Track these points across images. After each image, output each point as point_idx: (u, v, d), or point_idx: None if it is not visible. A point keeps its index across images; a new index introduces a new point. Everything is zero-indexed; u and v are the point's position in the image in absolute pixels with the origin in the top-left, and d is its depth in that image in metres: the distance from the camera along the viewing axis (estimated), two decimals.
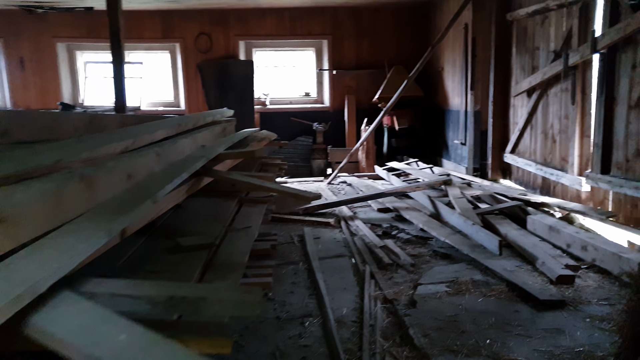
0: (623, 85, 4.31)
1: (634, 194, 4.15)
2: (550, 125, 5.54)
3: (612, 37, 4.25)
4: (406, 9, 8.77)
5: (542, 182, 5.72)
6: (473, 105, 6.82)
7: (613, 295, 3.14)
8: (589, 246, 3.62)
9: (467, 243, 4.03)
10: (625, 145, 4.34)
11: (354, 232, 4.61)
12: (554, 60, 5.26)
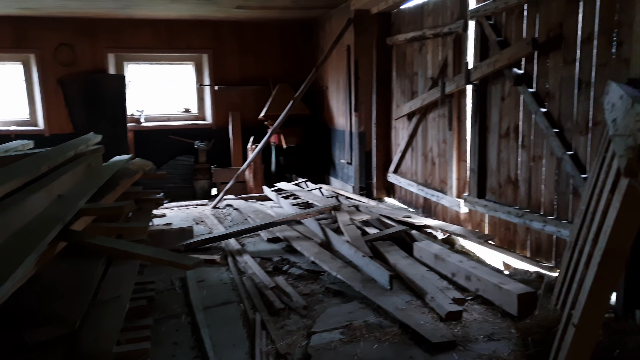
0: (494, 115, 4.57)
1: (507, 218, 4.40)
2: (430, 149, 5.75)
3: (484, 70, 4.48)
4: (290, 26, 8.67)
5: (424, 202, 5.92)
6: (357, 126, 6.89)
7: (497, 329, 3.22)
8: (472, 276, 3.72)
9: (358, 277, 3.95)
10: (497, 171, 4.60)
11: (242, 269, 4.31)
12: (432, 87, 5.46)
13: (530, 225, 4.12)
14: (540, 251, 4.16)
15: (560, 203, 3.90)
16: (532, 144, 4.13)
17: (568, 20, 3.66)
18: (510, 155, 4.41)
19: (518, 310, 3.27)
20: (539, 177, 4.11)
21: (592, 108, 3.54)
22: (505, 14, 4.31)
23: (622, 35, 3.21)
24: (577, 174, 3.63)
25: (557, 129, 3.83)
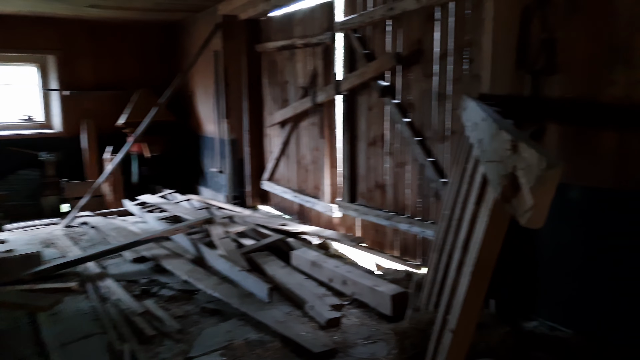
0: (362, 124, 4.75)
1: (377, 220, 4.61)
2: (303, 156, 5.81)
3: (352, 81, 4.64)
4: (152, 29, 8.13)
5: (300, 209, 5.96)
6: (228, 133, 6.71)
7: (374, 331, 3.33)
8: (348, 280, 3.81)
9: (236, 293, 3.81)
10: (367, 177, 4.80)
11: (105, 296, 3.89)
12: (303, 96, 5.52)
13: (398, 226, 4.35)
14: (407, 250, 4.41)
15: (424, 205, 4.18)
16: (398, 151, 4.38)
17: (426, 37, 3.94)
18: (378, 162, 4.63)
19: (392, 311, 3.42)
20: (404, 182, 4.36)
21: (449, 119, 3.85)
22: (370, 28, 4.51)
23: (473, 53, 3.54)
24: (438, 178, 3.92)
25: (419, 137, 4.10)
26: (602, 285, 2.76)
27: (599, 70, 2.64)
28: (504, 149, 1.33)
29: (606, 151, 2.66)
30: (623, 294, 2.66)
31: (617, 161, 2.61)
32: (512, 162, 1.24)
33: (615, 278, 2.69)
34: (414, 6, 3.90)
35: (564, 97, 2.82)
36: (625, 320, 2.64)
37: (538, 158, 1.09)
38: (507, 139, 1.33)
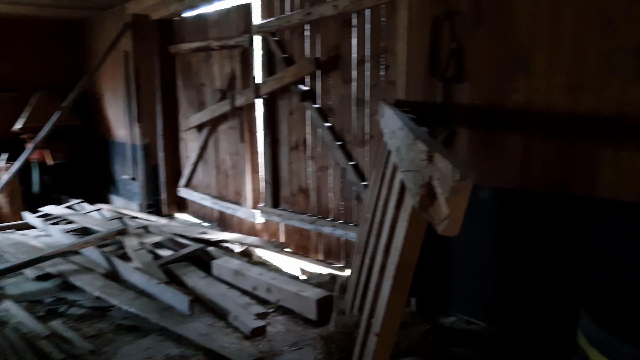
0: (284, 128, 4.73)
1: (300, 225, 4.61)
2: (223, 161, 5.68)
3: (272, 85, 4.61)
4: (52, 26, 7.53)
5: (220, 215, 5.81)
6: (141, 138, 6.39)
7: (300, 337, 3.32)
8: (273, 287, 3.77)
9: (154, 307, 3.63)
10: (290, 182, 4.79)
11: (3, 319, 3.54)
12: (221, 99, 5.40)
13: (322, 230, 4.39)
14: (331, 253, 4.46)
15: (346, 208, 4.25)
16: (320, 155, 4.41)
17: (344, 42, 4.00)
18: (300, 166, 4.63)
19: (318, 315, 3.44)
20: (327, 186, 4.40)
21: (368, 124, 3.94)
22: (289, 32, 4.50)
23: (389, 60, 3.65)
24: (359, 181, 4.00)
25: (340, 141, 4.16)
26: (509, 280, 2.96)
27: (504, 79, 2.83)
28: (420, 159, 1.37)
29: (512, 154, 2.85)
30: (527, 287, 2.86)
31: (522, 163, 2.81)
32: (429, 172, 1.28)
33: (520, 273, 2.90)
34: (331, 12, 3.95)
35: (473, 103, 2.99)
36: (529, 311, 2.85)
37: (452, 169, 1.13)
38: (423, 149, 1.37)
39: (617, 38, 2.38)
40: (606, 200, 2.49)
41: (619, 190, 2.44)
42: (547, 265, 2.76)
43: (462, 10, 2.98)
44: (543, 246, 2.78)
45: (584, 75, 2.50)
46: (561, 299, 2.70)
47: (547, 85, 2.65)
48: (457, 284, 3.25)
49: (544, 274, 2.78)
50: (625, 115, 2.39)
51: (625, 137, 2.40)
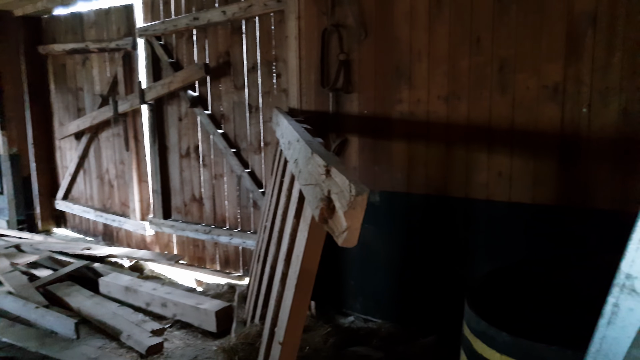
0: (173, 135, 4.57)
1: (195, 235, 4.49)
2: (106, 170, 5.32)
3: (159, 91, 4.42)
4: None
5: (105, 229, 5.45)
6: (8, 147, 5.76)
7: (200, 351, 3.24)
8: (169, 302, 3.63)
9: (34, 334, 3.31)
10: (181, 191, 4.63)
11: None
12: (102, 104, 5.06)
13: (218, 239, 4.31)
14: (228, 263, 4.40)
15: (243, 216, 4.22)
16: (213, 162, 4.33)
17: (234, 49, 3.97)
18: (193, 175, 4.51)
19: (217, 327, 3.38)
20: (222, 194, 4.34)
21: (263, 130, 3.96)
22: (175, 36, 4.35)
23: (280, 68, 3.71)
24: (256, 189, 4.00)
25: (234, 148, 4.12)
26: (401, 277, 3.17)
27: (388, 90, 3.02)
28: (319, 173, 1.43)
29: (398, 160, 3.06)
30: (418, 283, 3.09)
31: (407, 168, 3.03)
32: (327, 186, 1.34)
33: (410, 270, 3.12)
34: (219, 18, 3.90)
35: (362, 113, 3.15)
36: (422, 305, 3.09)
37: (348, 185, 1.20)
38: (320, 163, 1.43)
39: (484, 54, 2.67)
40: (481, 201, 2.78)
41: (491, 191, 2.74)
42: (434, 261, 3.00)
43: (349, 24, 3.12)
44: (430, 244, 3.02)
45: (459, 87, 2.77)
46: (449, 292, 2.96)
47: (427, 96, 2.89)
48: (354, 284, 3.40)
49: (432, 269, 3.02)
50: (494, 124, 2.69)
51: (495, 143, 2.70)
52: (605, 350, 0.76)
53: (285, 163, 2.68)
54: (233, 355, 2.53)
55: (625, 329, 0.74)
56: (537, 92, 2.54)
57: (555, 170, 2.54)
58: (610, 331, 0.76)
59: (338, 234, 1.25)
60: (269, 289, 2.58)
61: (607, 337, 0.76)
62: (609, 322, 0.77)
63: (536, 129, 2.57)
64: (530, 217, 2.63)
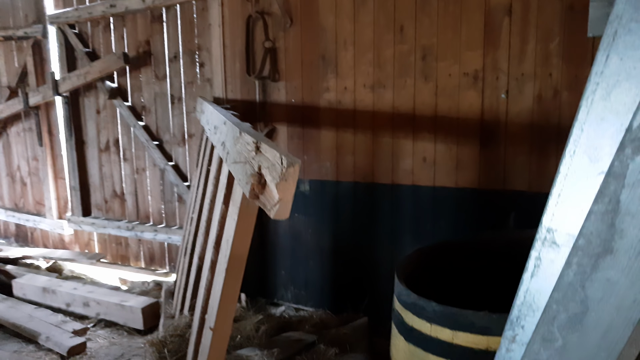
0: (91, 128, 4.34)
1: (117, 232, 4.29)
2: (18, 167, 4.95)
3: (74, 82, 4.17)
4: None
5: (18, 230, 5.07)
6: None
7: (127, 349, 3.12)
8: (91, 301, 3.46)
9: None
10: (102, 187, 4.41)
11: None
12: (11, 97, 4.69)
13: (142, 236, 4.15)
14: (154, 260, 4.25)
15: (167, 211, 4.09)
16: (135, 156, 4.16)
17: (155, 38, 3.84)
18: (113, 169, 4.30)
19: (144, 324, 3.27)
20: (144, 189, 4.18)
21: (186, 122, 3.86)
22: (90, 24, 4.13)
23: (203, 57, 3.63)
24: (180, 182, 3.89)
25: (157, 141, 3.98)
26: (331, 263, 3.22)
27: (316, 78, 3.06)
28: (248, 150, 1.43)
29: (327, 148, 3.11)
30: (349, 268, 3.16)
31: (335, 156, 3.08)
32: (257, 162, 1.35)
33: (340, 256, 3.18)
34: (138, 5, 3.75)
35: (290, 102, 3.16)
36: (353, 289, 3.16)
37: (279, 157, 1.21)
38: (250, 141, 1.43)
39: (408, 43, 2.78)
40: (407, 187, 2.89)
41: (416, 177, 2.86)
42: (364, 247, 3.08)
43: (274, 11, 3.12)
44: (359, 230, 3.09)
45: (384, 76, 2.86)
46: (379, 276, 3.05)
47: (353, 85, 2.95)
48: (285, 275, 3.41)
49: (362, 255, 3.10)
50: (418, 111, 2.80)
51: (420, 130, 2.82)
52: (529, 301, 0.82)
53: (212, 150, 2.63)
54: (162, 348, 2.45)
55: (547, 279, 0.80)
56: (459, 80, 2.68)
57: (476, 155, 2.70)
58: (533, 283, 0.83)
59: (270, 208, 1.25)
60: (198, 279, 2.53)
61: (530, 289, 0.83)
62: (532, 274, 0.83)
63: (458, 116, 2.71)
64: (454, 200, 2.78)
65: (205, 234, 2.52)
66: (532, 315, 0.83)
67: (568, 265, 0.78)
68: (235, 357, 2.23)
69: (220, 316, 1.84)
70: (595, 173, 0.77)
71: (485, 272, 2.12)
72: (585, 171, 0.79)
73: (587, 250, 0.74)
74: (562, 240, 0.80)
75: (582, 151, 0.79)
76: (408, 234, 2.93)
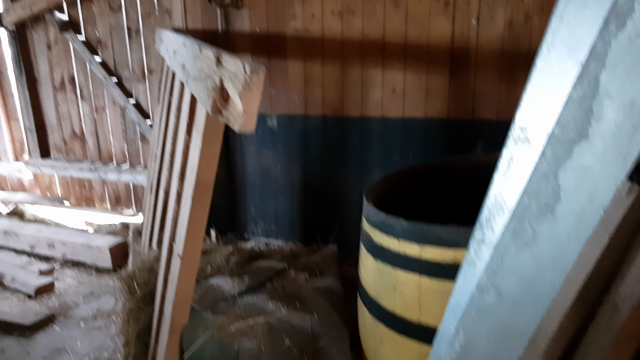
0: (43, 65, 4.09)
1: (79, 175, 4.16)
2: None
3: (19, 13, 3.88)
4: None
5: None
6: None
7: (96, 287, 3.10)
8: (56, 242, 3.39)
9: None
10: (59, 127, 4.22)
11: None
12: None
13: (106, 177, 4.04)
14: (120, 201, 4.17)
15: (131, 151, 3.97)
16: (93, 94, 3.97)
17: None
18: (71, 109, 4.11)
19: (112, 263, 3.24)
20: (105, 128, 4.02)
21: (145, 56, 3.67)
22: None
23: None
24: (142, 120, 3.76)
25: (115, 77, 3.80)
26: (301, 196, 3.22)
27: (282, 5, 2.92)
28: (209, 65, 1.36)
29: (294, 81, 3.02)
30: (319, 200, 3.17)
31: (304, 89, 3.01)
32: (219, 75, 1.28)
33: (310, 188, 3.18)
34: None
35: (254, 31, 3.03)
36: (324, 221, 3.18)
37: (242, 66, 1.15)
38: (210, 55, 1.36)
39: None
40: (376, 119, 2.86)
41: (386, 108, 2.83)
42: (334, 178, 3.08)
43: None
44: (329, 164, 3.08)
45: (353, 2, 2.75)
46: (349, 207, 3.07)
47: (321, 12, 2.84)
48: (255, 211, 3.40)
49: (332, 188, 3.10)
50: (388, 39, 2.73)
51: (389, 59, 2.76)
52: (500, 201, 0.81)
53: (173, 80, 2.52)
54: (131, 282, 2.43)
55: (519, 177, 0.78)
56: (429, 6, 2.60)
57: (445, 85, 2.67)
58: (505, 183, 0.81)
59: (234, 121, 1.20)
60: (165, 213, 2.48)
61: (501, 190, 0.81)
62: (504, 174, 0.81)
63: (428, 43, 2.66)
64: (423, 131, 2.77)
65: (169, 167, 2.45)
66: (501, 216, 0.83)
67: (542, 156, 0.76)
68: (205, 286, 2.24)
69: (188, 243, 1.82)
70: (574, 64, 0.74)
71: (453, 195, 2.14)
72: (563, 63, 0.76)
73: (562, 139, 0.73)
74: (535, 137, 0.78)
75: (560, 42, 0.76)
76: (377, 167, 2.93)
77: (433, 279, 1.50)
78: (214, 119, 1.46)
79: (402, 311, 1.59)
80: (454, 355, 0.88)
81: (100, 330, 2.66)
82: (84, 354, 2.46)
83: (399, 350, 1.62)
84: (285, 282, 2.23)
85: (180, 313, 1.94)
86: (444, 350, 0.89)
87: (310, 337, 1.82)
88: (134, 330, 2.30)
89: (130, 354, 2.33)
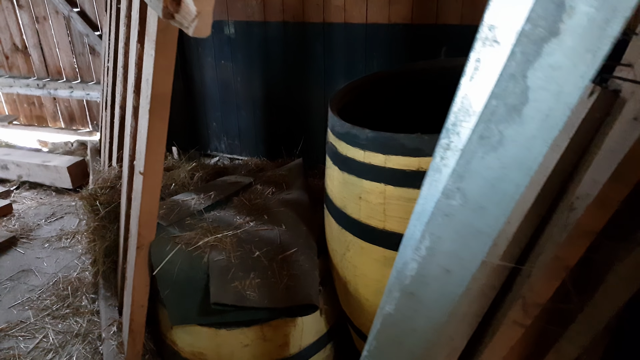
0: None
1: (27, 91, 3.93)
2: None
3: None
4: None
5: None
6: None
7: (57, 208, 3.04)
8: (9, 164, 3.26)
9: None
10: None
11: None
12: None
13: (56, 94, 3.82)
14: (74, 119, 3.99)
15: (81, 65, 3.73)
16: (32, 2, 3.62)
17: None
18: (8, 19, 3.76)
19: (72, 182, 3.16)
20: (50, 40, 3.73)
21: None
22: None
23: None
24: (91, 32, 3.49)
25: None
26: (264, 109, 3.15)
27: None
28: None
29: None
30: (282, 112, 3.11)
31: None
32: None
33: (272, 100, 3.10)
34: None
35: None
36: (282, 139, 3.15)
37: None
38: None
39: None
40: (339, 24, 2.73)
41: (348, 14, 2.70)
42: (296, 89, 3.00)
43: None
44: (291, 74, 2.98)
45: None
46: (313, 117, 3.03)
47: None
48: (217, 126, 3.32)
49: (294, 99, 3.03)
50: None
51: None
52: (467, 106, 0.78)
53: None
54: (94, 201, 2.38)
55: (487, 79, 0.75)
56: None
57: None
58: (472, 86, 0.77)
59: (188, 25, 1.11)
60: (122, 129, 2.39)
61: (468, 94, 0.78)
62: (471, 77, 0.77)
63: None
64: (387, 37, 2.68)
65: (123, 81, 2.31)
66: (468, 120, 0.81)
67: (511, 56, 0.73)
68: (170, 202, 2.22)
69: (149, 159, 1.77)
70: None
71: (418, 101, 2.13)
72: None
73: (532, 36, 0.69)
74: (504, 37, 0.74)
75: None
76: (340, 75, 2.86)
77: (397, 188, 1.52)
78: (166, 24, 1.35)
79: (367, 219, 1.62)
80: (419, 258, 0.90)
81: (66, 250, 2.65)
82: (51, 273, 2.46)
83: (364, 255, 1.68)
84: (251, 196, 2.23)
85: (147, 229, 1.93)
86: (410, 255, 0.91)
87: (278, 247, 1.86)
88: (100, 249, 2.29)
89: (100, 272, 2.34)
